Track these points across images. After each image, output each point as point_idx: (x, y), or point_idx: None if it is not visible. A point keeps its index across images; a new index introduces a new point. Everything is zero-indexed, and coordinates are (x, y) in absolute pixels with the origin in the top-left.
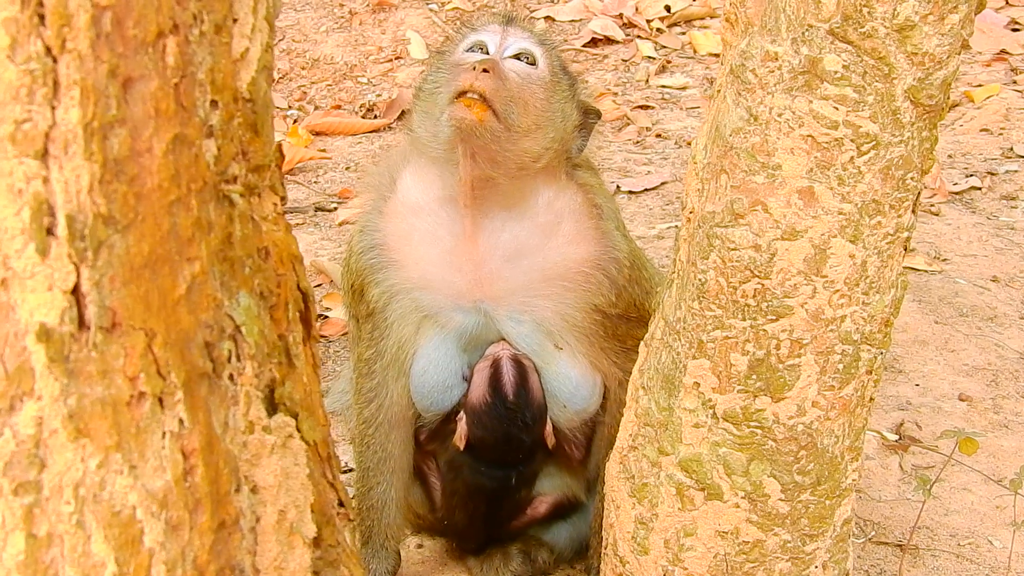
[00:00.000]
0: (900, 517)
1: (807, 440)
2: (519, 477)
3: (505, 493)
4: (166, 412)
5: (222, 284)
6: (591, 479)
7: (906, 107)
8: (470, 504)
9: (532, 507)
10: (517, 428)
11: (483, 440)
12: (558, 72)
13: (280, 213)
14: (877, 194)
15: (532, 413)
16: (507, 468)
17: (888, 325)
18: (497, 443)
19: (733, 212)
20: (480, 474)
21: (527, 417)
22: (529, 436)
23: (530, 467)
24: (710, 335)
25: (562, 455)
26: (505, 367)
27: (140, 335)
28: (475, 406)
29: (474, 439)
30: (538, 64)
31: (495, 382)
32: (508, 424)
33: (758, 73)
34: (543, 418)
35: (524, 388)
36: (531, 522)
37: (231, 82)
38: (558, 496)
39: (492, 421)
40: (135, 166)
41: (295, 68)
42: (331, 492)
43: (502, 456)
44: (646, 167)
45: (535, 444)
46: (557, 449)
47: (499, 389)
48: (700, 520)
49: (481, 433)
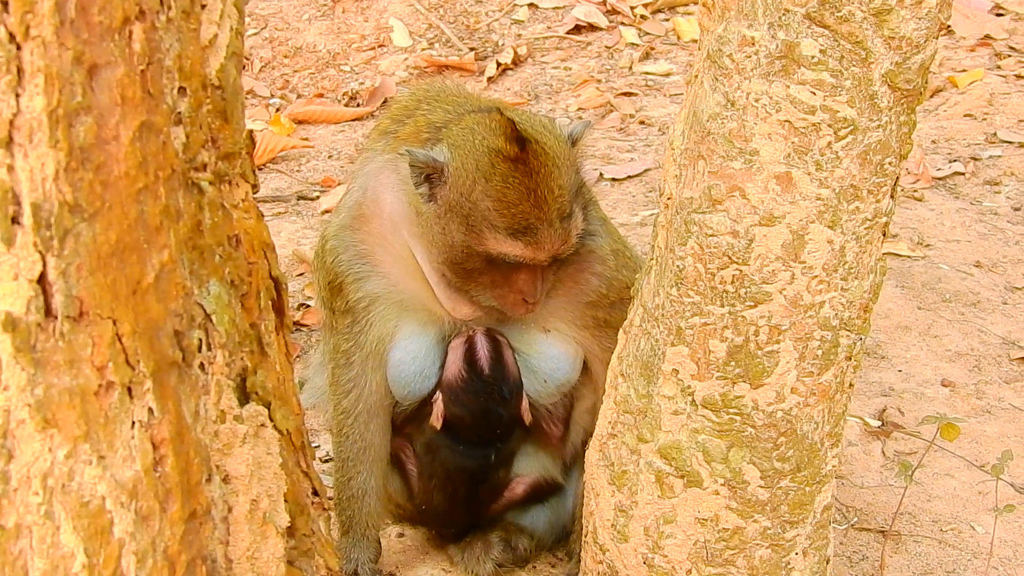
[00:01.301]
0: (882, 503)
1: (786, 427)
2: (498, 455)
3: (484, 473)
4: (135, 402)
5: (192, 272)
6: (568, 459)
7: (884, 91)
8: (449, 486)
9: (510, 489)
10: (494, 402)
11: (461, 418)
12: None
13: (251, 201)
14: (855, 179)
15: (508, 387)
16: (486, 446)
17: (867, 311)
18: (475, 419)
19: (711, 198)
20: (459, 454)
21: (504, 391)
22: (507, 411)
23: (508, 445)
24: (688, 322)
25: (540, 433)
26: (479, 342)
27: (108, 324)
28: (451, 383)
29: (452, 417)
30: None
31: (470, 357)
32: (485, 399)
33: (735, 58)
34: (519, 392)
35: (499, 363)
36: (509, 505)
37: (199, 69)
38: (535, 477)
39: (469, 397)
40: (101, 154)
41: (277, 56)
42: (305, 481)
43: (480, 433)
44: (629, 154)
45: (512, 420)
46: (535, 427)
47: (474, 364)
48: (680, 507)
49: (459, 410)
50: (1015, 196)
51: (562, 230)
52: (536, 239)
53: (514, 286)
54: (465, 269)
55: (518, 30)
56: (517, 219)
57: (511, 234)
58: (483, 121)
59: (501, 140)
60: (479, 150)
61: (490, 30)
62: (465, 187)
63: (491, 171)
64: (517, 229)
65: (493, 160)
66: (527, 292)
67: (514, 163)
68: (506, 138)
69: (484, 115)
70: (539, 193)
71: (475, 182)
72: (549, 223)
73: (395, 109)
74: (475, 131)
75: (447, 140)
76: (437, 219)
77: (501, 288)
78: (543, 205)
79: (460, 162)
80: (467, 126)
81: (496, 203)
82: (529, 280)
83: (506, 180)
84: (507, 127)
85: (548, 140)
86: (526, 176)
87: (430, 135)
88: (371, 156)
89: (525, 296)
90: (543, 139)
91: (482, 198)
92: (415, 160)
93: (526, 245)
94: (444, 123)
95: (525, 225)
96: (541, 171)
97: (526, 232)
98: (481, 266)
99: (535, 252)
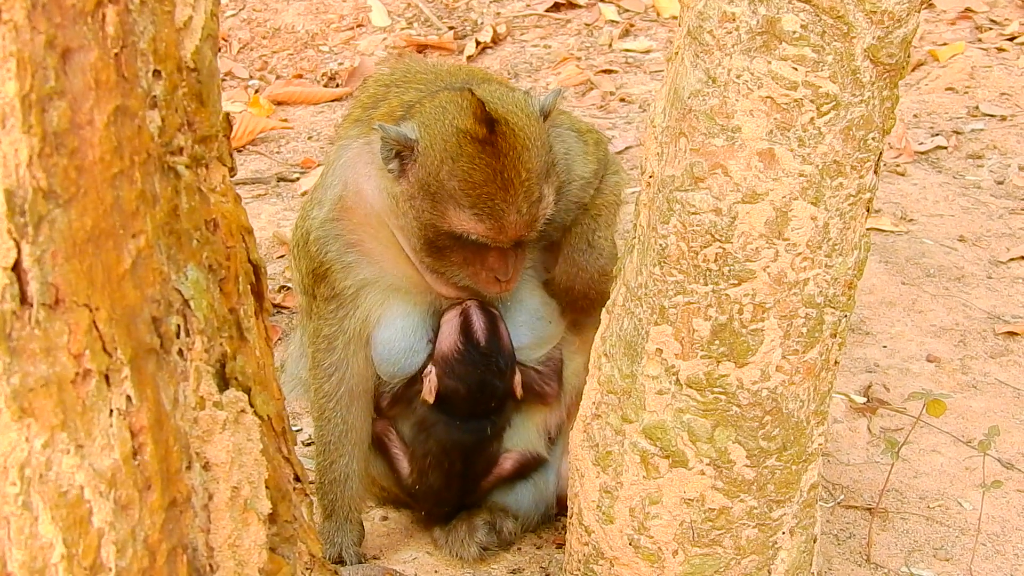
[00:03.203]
0: (869, 480)
1: (772, 405)
2: (492, 428)
3: (480, 446)
4: (113, 389)
5: (169, 258)
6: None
7: (866, 66)
8: (445, 462)
9: (499, 466)
10: (491, 374)
11: (456, 390)
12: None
13: (229, 184)
14: (838, 155)
15: (504, 358)
16: (481, 419)
17: (852, 287)
18: (471, 391)
19: (693, 176)
20: (454, 428)
21: (500, 362)
22: (502, 382)
23: (502, 417)
24: (672, 301)
25: (533, 399)
26: (474, 315)
27: (84, 311)
28: (447, 355)
29: (447, 391)
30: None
31: (466, 329)
32: (483, 370)
33: (716, 34)
34: (514, 365)
35: (495, 334)
36: (497, 481)
37: (174, 51)
38: (522, 452)
39: (466, 368)
40: (75, 139)
41: (256, 38)
42: (287, 467)
43: (476, 405)
44: (610, 131)
45: (506, 393)
46: (526, 395)
47: (471, 336)
48: (665, 488)
49: (455, 383)
50: (998, 170)
51: (528, 215)
52: (500, 222)
53: (485, 264)
54: (437, 247)
55: (497, 8)
56: (483, 200)
57: (475, 215)
58: (454, 100)
59: (470, 121)
60: (447, 130)
61: (469, 8)
62: (433, 166)
63: (458, 152)
64: (482, 211)
65: (460, 141)
66: (499, 271)
67: (481, 144)
68: (475, 119)
69: (456, 93)
70: (506, 176)
71: (442, 162)
72: (515, 207)
73: (364, 97)
74: (445, 110)
75: (417, 118)
76: (407, 198)
77: (473, 266)
78: (509, 188)
79: (429, 141)
80: (438, 104)
81: (461, 183)
82: (500, 259)
83: (472, 161)
84: (476, 108)
85: (519, 120)
86: (493, 158)
87: (403, 114)
88: (345, 144)
89: (497, 275)
90: (514, 119)
91: (448, 178)
92: (386, 136)
93: (490, 227)
94: (417, 101)
95: (490, 207)
96: (510, 153)
97: (491, 214)
98: (451, 244)
99: (498, 234)
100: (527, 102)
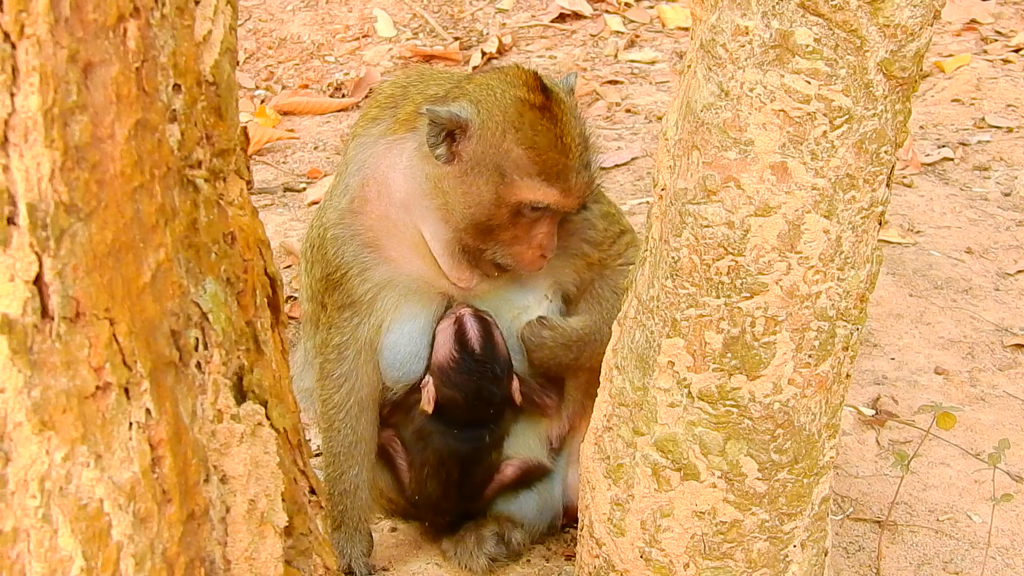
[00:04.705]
0: (878, 493)
1: (784, 418)
2: (491, 436)
3: (478, 455)
4: (132, 402)
5: (188, 271)
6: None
7: (879, 80)
8: (442, 472)
9: (500, 472)
10: (487, 381)
11: (453, 399)
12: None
13: (246, 197)
14: (851, 168)
15: (500, 365)
16: (479, 427)
17: (864, 300)
18: (468, 399)
19: (705, 188)
20: (452, 438)
21: (496, 369)
22: (499, 389)
23: (500, 425)
24: (684, 313)
25: (532, 410)
26: (468, 323)
27: (104, 324)
28: (443, 364)
29: (444, 399)
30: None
31: (460, 338)
32: (479, 378)
33: (729, 48)
34: (510, 371)
35: (489, 341)
36: (499, 489)
37: (194, 65)
38: (524, 460)
39: (462, 377)
40: (97, 153)
41: (262, 48)
42: (302, 480)
43: (474, 414)
44: (616, 143)
45: (504, 400)
46: (525, 404)
47: (465, 344)
48: (677, 500)
49: (451, 392)
50: (1004, 181)
51: (587, 176)
52: (568, 184)
53: (533, 240)
54: (488, 227)
55: (502, 19)
56: (549, 164)
57: (545, 180)
58: (499, 76)
59: (524, 90)
60: (505, 101)
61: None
62: (494, 138)
63: (520, 120)
64: (550, 175)
65: (520, 109)
66: (546, 245)
67: (540, 111)
68: (528, 87)
69: (497, 72)
70: (565, 140)
71: (504, 132)
72: (577, 169)
73: (382, 98)
74: (493, 86)
75: (465, 97)
76: (460, 178)
77: (521, 244)
78: (570, 152)
79: (486, 115)
80: (482, 84)
81: (528, 150)
82: (549, 232)
83: (535, 127)
84: (527, 77)
85: (561, 92)
86: (552, 123)
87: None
88: (367, 141)
89: (544, 250)
90: (557, 91)
91: (513, 147)
92: (437, 117)
93: (559, 191)
94: (447, 92)
95: (557, 171)
96: (564, 119)
97: (559, 177)
98: (504, 221)
99: (565, 197)
100: (557, 81)
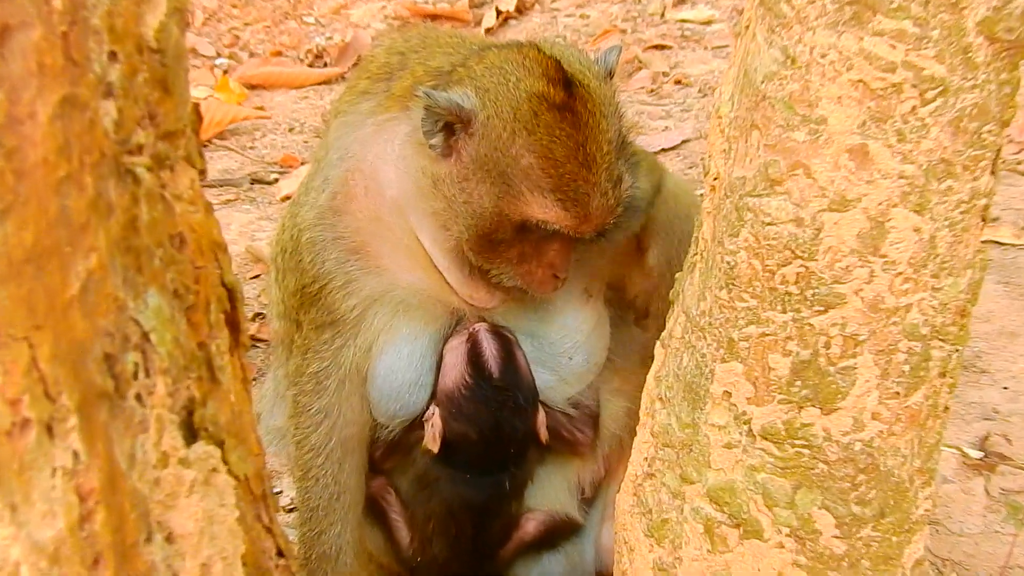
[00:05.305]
0: (987, 554)
1: (867, 462)
2: (511, 482)
3: (494, 507)
4: (56, 443)
5: (125, 281)
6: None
7: (980, 43)
8: (451, 527)
9: (521, 528)
10: (508, 412)
11: (465, 436)
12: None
13: (198, 190)
14: (946, 152)
15: (523, 393)
16: (496, 472)
17: (965, 315)
18: (483, 436)
19: (768, 178)
20: (464, 484)
21: (518, 397)
22: (522, 423)
23: (522, 469)
24: (742, 332)
25: (563, 446)
26: (484, 341)
27: (23, 347)
28: (452, 392)
29: (454, 437)
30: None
31: (475, 359)
32: (497, 408)
33: (795, 4)
34: (535, 401)
35: (510, 363)
36: (518, 549)
37: (134, 28)
38: (549, 513)
39: (476, 407)
40: (14, 136)
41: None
42: (267, 539)
43: (490, 454)
44: (663, 121)
45: (527, 437)
46: (553, 442)
47: (481, 367)
48: (735, 564)
49: (463, 426)
50: None
51: (612, 198)
52: (585, 208)
53: (543, 259)
54: (490, 242)
55: None
56: (565, 181)
57: (558, 199)
58: (514, 58)
59: (542, 83)
60: (517, 95)
61: None
62: (500, 141)
63: (533, 122)
64: (565, 194)
65: (536, 108)
66: (558, 266)
67: (560, 112)
68: (548, 80)
69: (513, 51)
70: (588, 150)
71: (514, 135)
72: (600, 189)
73: (374, 67)
74: (506, 71)
75: (471, 82)
76: (458, 181)
77: (529, 263)
78: (592, 165)
79: (493, 108)
80: (493, 65)
81: (541, 160)
82: (562, 252)
83: (552, 133)
84: (548, 66)
85: (591, 82)
86: (574, 128)
87: (436, 83)
88: (353, 121)
89: (556, 271)
90: (586, 81)
91: (523, 153)
92: (435, 104)
93: (573, 215)
94: (453, 67)
95: (575, 189)
96: (589, 122)
97: (576, 198)
98: (509, 237)
99: (580, 223)
100: (589, 60)
